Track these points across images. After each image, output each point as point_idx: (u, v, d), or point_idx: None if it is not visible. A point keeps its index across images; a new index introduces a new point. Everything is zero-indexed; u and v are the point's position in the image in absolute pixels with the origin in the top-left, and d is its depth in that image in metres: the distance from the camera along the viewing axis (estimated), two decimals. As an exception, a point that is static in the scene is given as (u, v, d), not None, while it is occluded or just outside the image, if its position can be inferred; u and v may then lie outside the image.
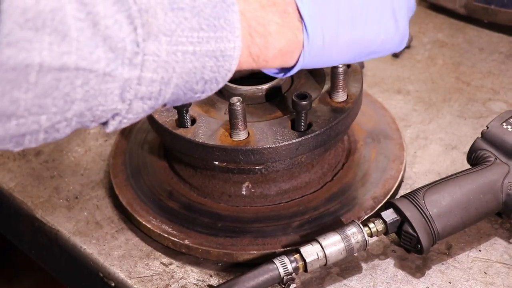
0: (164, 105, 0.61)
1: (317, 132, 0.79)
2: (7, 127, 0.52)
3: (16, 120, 0.51)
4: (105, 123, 0.58)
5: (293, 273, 0.74)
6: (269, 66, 0.65)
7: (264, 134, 0.79)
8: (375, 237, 0.78)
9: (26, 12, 0.48)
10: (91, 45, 0.51)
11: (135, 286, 0.80)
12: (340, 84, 0.82)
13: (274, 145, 0.78)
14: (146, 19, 0.54)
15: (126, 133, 1.00)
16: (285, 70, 0.68)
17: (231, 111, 0.77)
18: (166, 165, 0.94)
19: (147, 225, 0.85)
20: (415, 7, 0.74)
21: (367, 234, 0.77)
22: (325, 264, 0.76)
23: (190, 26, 0.56)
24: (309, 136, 0.78)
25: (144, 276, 0.81)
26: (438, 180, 0.81)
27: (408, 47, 1.21)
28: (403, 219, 0.78)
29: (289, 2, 0.63)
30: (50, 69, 0.50)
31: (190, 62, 0.57)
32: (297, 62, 0.66)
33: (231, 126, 0.78)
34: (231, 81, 0.69)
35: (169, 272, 0.82)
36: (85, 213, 0.90)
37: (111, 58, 0.52)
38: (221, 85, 0.61)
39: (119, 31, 0.52)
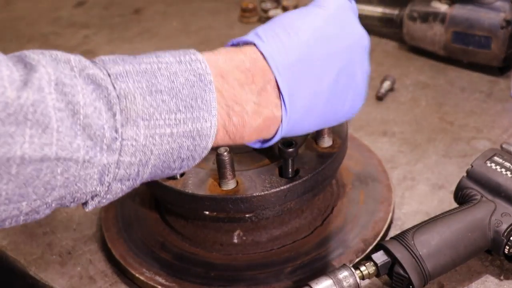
0: (142, 182, 0.62)
1: (304, 178, 0.80)
2: None
3: None
4: (84, 203, 0.60)
5: (287, 320, 0.74)
6: (246, 142, 0.67)
7: (253, 182, 0.80)
8: (367, 279, 0.79)
9: (8, 107, 0.49)
10: (71, 134, 0.53)
11: None
12: (325, 129, 0.84)
13: (262, 193, 0.79)
14: (124, 105, 0.55)
15: (117, 186, 1.01)
16: (262, 141, 0.70)
17: (219, 161, 0.78)
18: (157, 217, 0.95)
19: (140, 277, 0.85)
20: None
21: (359, 277, 0.77)
22: (319, 309, 0.76)
23: (168, 108, 0.58)
24: (297, 182, 0.80)
25: (139, 330, 0.81)
26: (427, 220, 0.82)
27: (391, 89, 1.24)
28: (394, 260, 0.78)
29: (268, 79, 0.64)
30: (31, 161, 0.51)
31: (167, 144, 0.58)
32: (274, 135, 0.68)
33: (220, 176, 0.79)
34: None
35: (163, 324, 0.82)
36: (79, 268, 0.90)
37: (90, 146, 0.54)
38: (197, 162, 0.63)
39: (98, 119, 0.54)
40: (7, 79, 0.50)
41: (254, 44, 0.66)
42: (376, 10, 1.39)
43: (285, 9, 1.55)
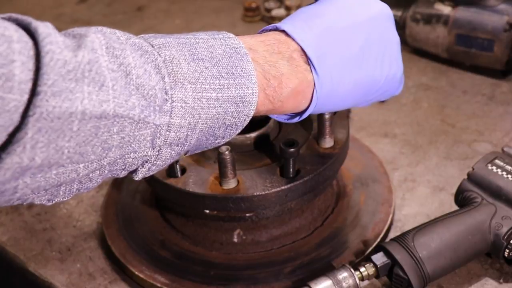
0: (186, 152, 0.63)
1: (305, 179, 0.80)
2: (47, 177, 0.53)
3: (56, 170, 0.53)
4: (134, 171, 0.61)
5: (286, 320, 0.74)
6: (284, 107, 0.67)
7: (254, 181, 0.80)
8: (366, 280, 0.79)
9: (67, 65, 0.51)
10: (126, 93, 0.54)
11: (128, 337, 0.80)
12: (327, 130, 0.84)
13: (263, 192, 0.79)
14: (171, 69, 0.58)
15: (117, 184, 1.01)
16: (299, 114, 0.70)
17: (221, 160, 0.78)
18: (158, 215, 0.95)
19: (140, 275, 0.85)
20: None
21: (358, 278, 0.77)
22: (318, 310, 0.76)
23: (211, 74, 0.60)
24: (298, 182, 0.80)
25: (138, 327, 0.81)
26: (427, 222, 0.82)
27: (393, 91, 1.24)
28: (394, 262, 0.78)
29: (294, 48, 0.66)
30: (91, 117, 0.52)
31: (213, 108, 0.60)
32: (310, 102, 0.68)
33: (221, 175, 0.79)
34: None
35: (162, 322, 0.82)
36: (78, 265, 0.90)
37: (144, 105, 0.55)
38: (239, 130, 0.64)
39: (149, 80, 0.56)
40: (62, 42, 0.51)
41: (276, 27, 0.68)
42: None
43: (288, 8, 1.55)
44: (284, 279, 0.83)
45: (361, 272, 0.78)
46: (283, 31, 0.67)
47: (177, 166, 0.82)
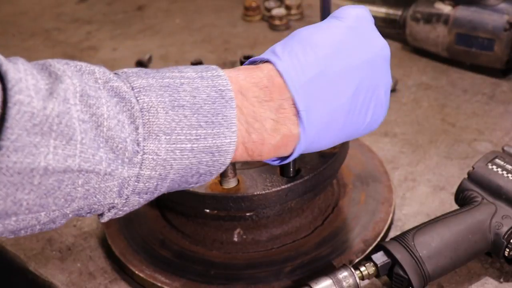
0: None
1: (305, 178, 0.80)
2: (6, 223, 0.53)
3: (15, 217, 0.53)
4: (100, 215, 0.60)
5: (287, 319, 0.74)
6: (264, 159, 0.66)
7: (254, 181, 0.80)
8: (367, 280, 0.79)
9: (34, 118, 0.49)
10: (94, 146, 0.53)
11: (129, 337, 0.80)
12: (327, 129, 0.84)
13: (263, 192, 0.79)
14: (147, 119, 0.56)
15: (118, 183, 1.01)
16: (280, 158, 0.69)
17: (221, 160, 0.78)
18: (158, 214, 0.95)
19: (140, 274, 0.85)
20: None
21: (359, 277, 0.77)
22: (318, 309, 0.76)
23: (189, 123, 0.58)
24: (298, 182, 0.80)
25: (138, 327, 0.81)
26: (427, 221, 0.82)
27: (393, 90, 1.24)
28: (394, 261, 0.78)
29: (286, 97, 0.63)
30: (54, 172, 0.51)
31: (187, 159, 0.58)
32: (292, 153, 0.67)
33: (221, 174, 0.79)
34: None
35: (163, 321, 0.82)
36: (78, 264, 0.90)
37: (112, 159, 0.54)
38: (214, 177, 0.63)
39: (121, 132, 0.54)
40: (33, 89, 0.50)
41: (271, 62, 0.65)
42: (380, 11, 1.39)
43: (288, 8, 1.55)
44: (284, 279, 0.83)
45: (361, 272, 0.78)
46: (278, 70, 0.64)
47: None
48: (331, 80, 0.65)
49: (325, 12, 1.29)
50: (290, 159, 0.68)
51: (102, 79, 0.56)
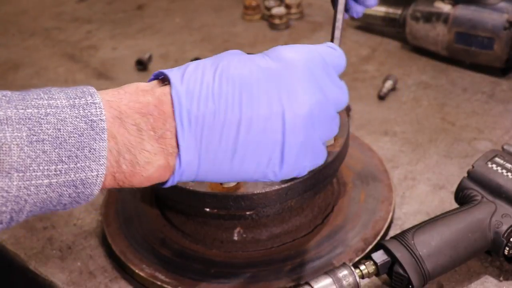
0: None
1: (305, 177, 0.80)
2: None
3: None
4: None
5: (287, 318, 0.74)
6: (135, 186, 0.62)
7: (254, 180, 0.80)
8: (367, 278, 0.79)
9: None
10: None
11: (129, 335, 0.81)
12: (327, 128, 0.84)
13: (263, 191, 0.79)
14: None
15: (118, 182, 1.01)
16: (156, 185, 0.65)
17: (221, 158, 0.78)
18: (158, 213, 0.95)
19: (140, 273, 0.85)
20: (335, 132, 0.69)
21: (359, 276, 0.77)
22: (318, 308, 0.76)
23: (48, 159, 0.55)
24: (298, 180, 0.80)
25: (138, 325, 0.81)
26: (427, 220, 0.82)
27: (393, 89, 1.24)
28: (394, 260, 0.78)
29: (170, 126, 0.60)
30: None
31: (44, 193, 0.56)
32: (166, 181, 0.63)
33: (221, 173, 0.79)
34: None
35: (163, 320, 0.82)
36: (79, 263, 0.90)
37: None
38: (83, 203, 0.60)
39: None
40: None
41: (171, 83, 0.61)
42: (379, 10, 1.39)
43: (288, 7, 1.55)
44: (284, 277, 0.83)
45: (361, 270, 0.78)
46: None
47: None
48: (226, 122, 0.61)
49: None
50: (166, 186, 0.64)
51: None
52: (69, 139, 0.56)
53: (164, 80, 0.63)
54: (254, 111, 0.61)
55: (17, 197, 0.55)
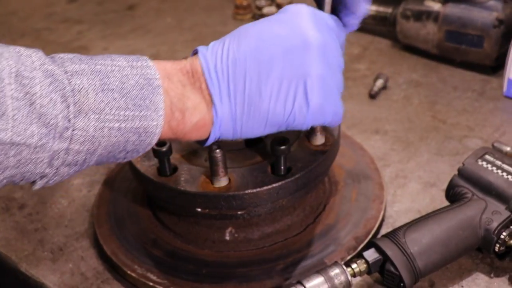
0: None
1: (296, 176, 0.80)
2: None
3: None
4: (33, 182, 0.64)
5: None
6: (187, 137, 0.70)
7: (245, 179, 0.80)
8: (358, 277, 0.79)
9: None
10: (26, 122, 0.58)
11: (121, 336, 0.80)
12: (318, 127, 0.84)
13: (255, 190, 0.79)
14: (78, 98, 0.61)
15: (109, 182, 1.01)
16: (203, 141, 0.73)
17: (212, 159, 0.78)
18: (150, 213, 0.95)
19: (132, 274, 0.85)
20: (343, 85, 0.77)
21: (350, 274, 0.77)
22: (310, 307, 0.76)
23: (118, 105, 0.63)
24: (289, 180, 0.80)
25: (130, 326, 0.81)
26: (418, 218, 0.82)
27: (384, 88, 1.24)
28: (385, 258, 0.79)
29: (202, 79, 0.69)
30: None
31: (115, 137, 0.64)
32: (209, 135, 0.71)
33: (212, 173, 0.79)
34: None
35: (155, 321, 0.82)
36: (70, 265, 0.90)
37: (44, 133, 0.59)
38: (141, 153, 0.68)
39: (53, 109, 0.59)
40: None
41: (198, 52, 0.71)
42: (370, 8, 1.39)
43: (279, 6, 1.55)
44: (276, 277, 0.83)
45: (353, 269, 0.78)
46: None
47: (169, 165, 0.82)
48: (248, 67, 0.69)
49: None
50: (209, 142, 0.72)
51: (38, 62, 0.60)
52: (132, 91, 0.64)
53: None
54: (271, 51, 0.69)
55: (93, 137, 0.62)
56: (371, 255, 0.79)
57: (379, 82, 1.23)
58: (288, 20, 0.71)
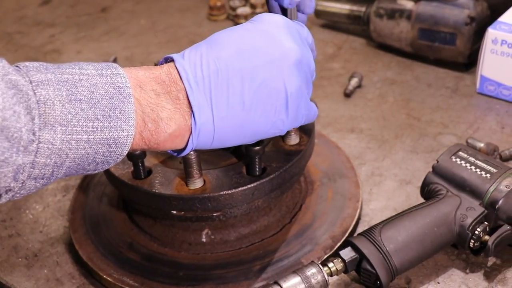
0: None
1: (271, 176, 0.80)
2: None
3: None
4: None
5: (256, 318, 0.74)
6: (161, 148, 0.68)
7: (220, 181, 0.80)
8: (335, 276, 0.79)
9: None
10: None
11: None
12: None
13: (230, 191, 0.78)
14: (43, 110, 0.59)
15: (84, 187, 1.00)
16: (178, 151, 0.71)
17: (186, 160, 0.78)
18: (125, 217, 0.94)
19: (108, 279, 0.84)
20: (314, 76, 0.77)
21: (327, 273, 0.77)
22: (287, 307, 0.76)
23: (86, 116, 0.61)
24: (264, 180, 0.80)
25: (107, 331, 0.80)
26: (394, 216, 0.83)
27: (359, 86, 1.25)
28: (362, 256, 0.79)
29: (180, 89, 0.67)
30: None
31: (83, 149, 0.62)
32: (186, 145, 0.69)
33: (187, 175, 0.79)
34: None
35: (132, 325, 0.81)
36: (45, 271, 0.89)
37: (7, 147, 0.57)
38: (112, 165, 0.66)
39: (16, 122, 0.57)
40: None
41: (173, 60, 0.69)
42: (344, 7, 1.40)
43: (253, 6, 1.55)
44: (253, 278, 0.83)
45: (329, 268, 0.78)
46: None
47: (143, 168, 0.81)
48: (231, 77, 0.68)
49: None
50: (185, 152, 0.70)
51: (1, 72, 0.58)
52: (101, 101, 0.62)
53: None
54: (252, 62, 0.68)
55: (60, 150, 0.60)
56: (347, 254, 0.79)
57: (354, 81, 1.24)
58: (265, 31, 0.71)
